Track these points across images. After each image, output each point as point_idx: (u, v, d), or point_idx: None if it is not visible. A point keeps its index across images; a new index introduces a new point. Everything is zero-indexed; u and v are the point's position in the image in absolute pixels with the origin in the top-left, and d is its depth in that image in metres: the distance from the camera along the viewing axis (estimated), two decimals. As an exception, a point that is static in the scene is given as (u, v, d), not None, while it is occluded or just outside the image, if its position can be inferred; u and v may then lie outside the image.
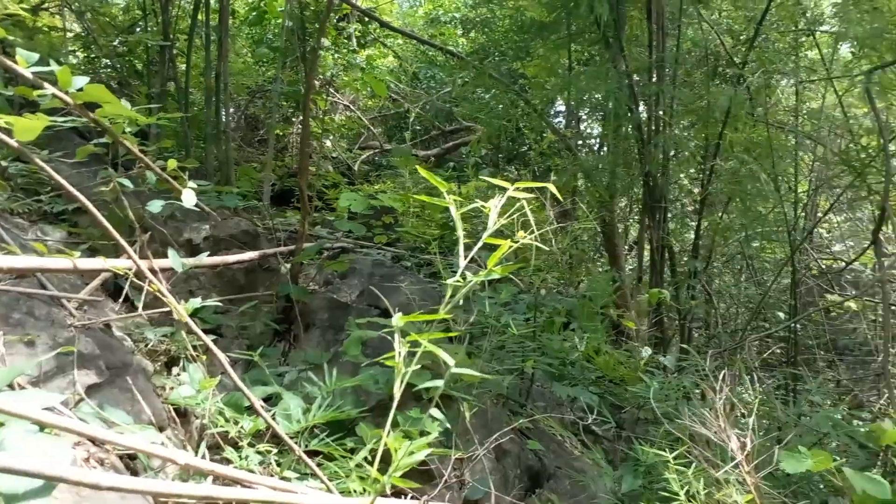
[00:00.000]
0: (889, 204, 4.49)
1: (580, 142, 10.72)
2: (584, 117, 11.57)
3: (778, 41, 8.06)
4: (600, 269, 8.73)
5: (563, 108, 11.45)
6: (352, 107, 10.61)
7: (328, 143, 10.09)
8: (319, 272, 5.16)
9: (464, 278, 1.60)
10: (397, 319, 1.62)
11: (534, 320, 4.52)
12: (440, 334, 1.64)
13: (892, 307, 9.08)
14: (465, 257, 1.66)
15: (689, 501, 2.64)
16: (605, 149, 8.40)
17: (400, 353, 1.56)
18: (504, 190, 1.78)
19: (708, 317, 9.35)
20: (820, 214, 8.61)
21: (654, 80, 6.00)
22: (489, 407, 4.06)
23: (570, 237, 6.31)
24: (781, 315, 9.80)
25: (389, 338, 1.88)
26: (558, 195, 1.88)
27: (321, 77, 9.23)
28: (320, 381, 3.56)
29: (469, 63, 8.19)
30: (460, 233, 1.65)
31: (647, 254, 6.91)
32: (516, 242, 1.62)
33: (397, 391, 1.57)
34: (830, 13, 8.29)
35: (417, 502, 2.83)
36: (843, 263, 10.40)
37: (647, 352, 4.39)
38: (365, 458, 2.98)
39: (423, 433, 3.05)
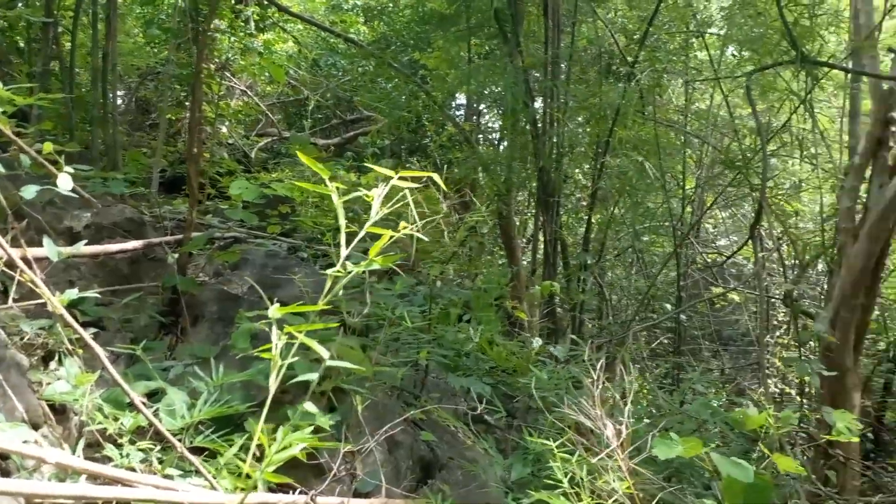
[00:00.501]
0: (766, 200, 4.74)
1: (480, 135, 10.84)
2: (485, 111, 11.71)
3: (669, 42, 8.40)
4: (500, 262, 8.88)
5: (464, 101, 11.56)
6: (249, 92, 10.34)
7: (224, 129, 9.81)
8: (209, 263, 5.01)
9: (345, 269, 1.58)
10: (274, 311, 1.58)
11: (429, 312, 4.53)
12: (320, 325, 1.61)
13: (770, 298, 9.65)
14: (347, 247, 1.63)
15: (573, 488, 2.71)
16: (504, 142, 8.53)
17: (277, 345, 1.52)
18: (389, 179, 1.76)
19: (601, 308, 9.66)
20: (705, 210, 9.02)
21: (549, 75, 6.12)
22: (383, 399, 4.05)
23: (467, 229, 6.40)
24: (669, 307, 10.23)
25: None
26: (443, 186, 1.88)
27: (216, 60, 8.95)
28: (207, 375, 3.45)
29: (370, 52, 8.13)
30: (342, 222, 1.62)
31: (542, 247, 7.08)
32: (398, 233, 1.61)
33: (273, 384, 1.53)
34: (719, 16, 8.70)
35: (304, 497, 2.78)
36: (726, 257, 10.95)
37: (538, 342, 4.49)
38: (254, 456, 2.91)
39: (317, 428, 3.01)
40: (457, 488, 3.99)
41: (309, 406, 2.72)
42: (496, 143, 10.14)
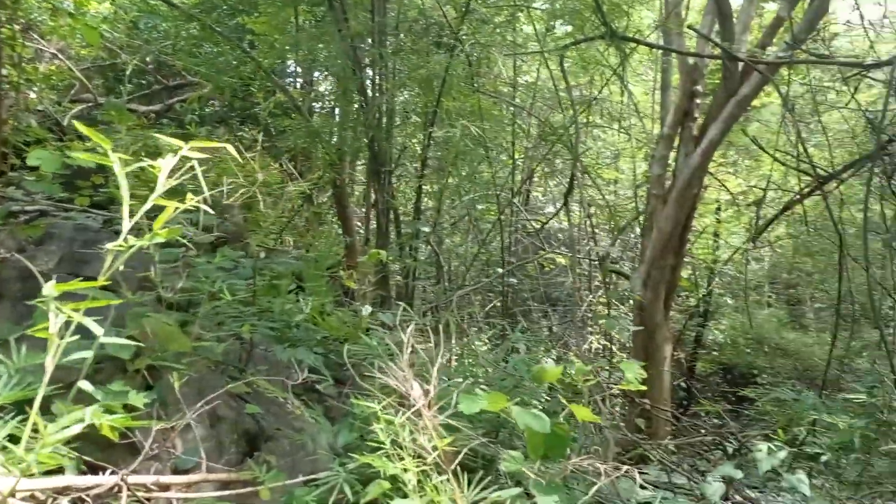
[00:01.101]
0: (578, 170, 5.03)
1: (315, 103, 10.65)
2: (320, 79, 11.50)
3: (497, 15, 8.60)
4: (338, 232, 8.84)
5: (299, 68, 11.29)
6: (60, 55, 9.55)
7: (32, 95, 9.01)
8: (11, 238, 4.63)
9: (127, 242, 1.53)
10: (49, 288, 1.51)
11: (255, 284, 4.45)
12: (102, 302, 1.55)
13: (588, 260, 10.26)
14: (132, 218, 1.58)
15: (395, 449, 2.79)
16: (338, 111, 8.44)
17: (55, 323, 1.46)
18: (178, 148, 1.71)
19: (438, 275, 9.86)
20: (526, 179, 9.38)
21: (377, 45, 6.12)
22: (205, 374, 3.95)
23: (296, 198, 6.31)
24: (501, 271, 10.63)
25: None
26: (236, 155, 1.85)
27: (21, 20, 8.19)
28: (8, 357, 3.22)
29: (192, 15, 7.75)
30: (125, 194, 1.56)
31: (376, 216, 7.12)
32: (184, 204, 1.57)
33: (49, 365, 1.46)
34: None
35: (114, 477, 2.68)
36: (556, 224, 11.51)
37: (367, 310, 4.54)
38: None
39: (133, 408, 2.91)
40: (284, 458, 3.99)
41: (116, 385, 2.62)
42: (331, 111, 10.02)
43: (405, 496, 2.63)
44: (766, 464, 3.57)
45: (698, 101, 7.40)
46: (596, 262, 9.17)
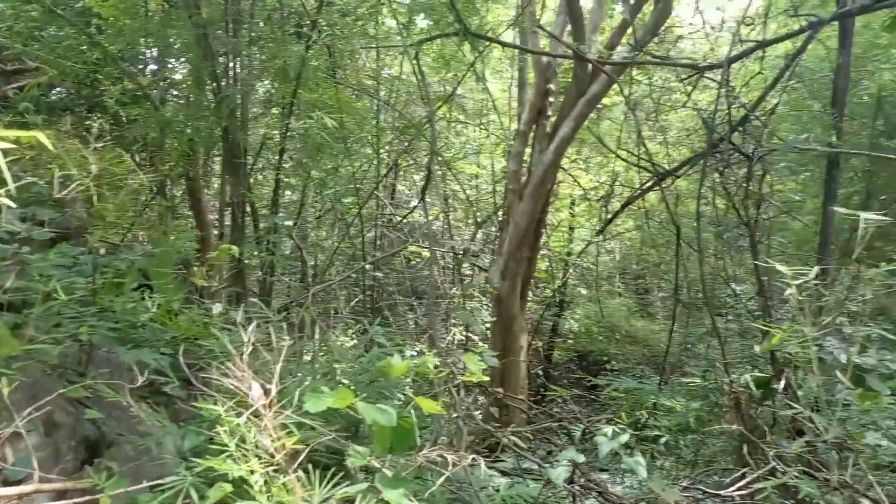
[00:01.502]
0: (435, 165, 5.10)
1: (171, 92, 10.19)
2: (176, 67, 11.01)
3: (359, 6, 8.55)
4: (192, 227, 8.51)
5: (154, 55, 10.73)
6: None
7: None
8: None
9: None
10: None
11: (93, 282, 4.22)
12: None
13: (455, 255, 10.42)
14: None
15: (242, 450, 2.73)
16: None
17: None
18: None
19: (304, 270, 9.72)
20: (387, 173, 9.41)
21: (231, 33, 5.93)
22: (38, 378, 3.72)
23: (147, 192, 6.02)
24: (365, 265, 10.61)
25: None
26: (48, 144, 1.75)
27: None
28: None
29: (33, -1, 7.23)
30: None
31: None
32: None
33: None
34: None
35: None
36: (422, 218, 11.59)
37: (217, 308, 4.41)
38: None
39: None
40: (127, 463, 3.82)
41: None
42: (187, 100, 9.61)
43: (253, 498, 2.59)
44: (607, 447, 3.77)
45: (552, 99, 7.67)
46: (458, 256, 9.34)
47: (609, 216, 7.98)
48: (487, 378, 3.69)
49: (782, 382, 4.64)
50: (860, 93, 9.41)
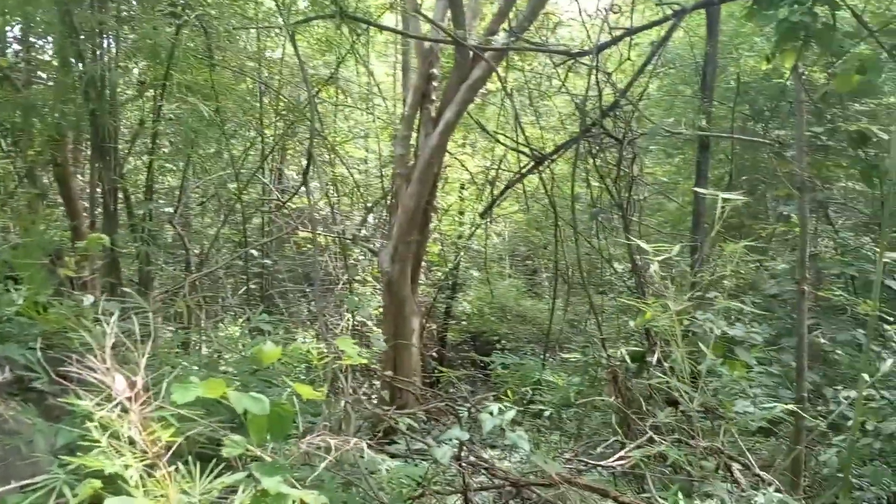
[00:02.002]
0: (314, 150, 5.05)
1: (37, 73, 9.59)
2: (42, 47, 10.37)
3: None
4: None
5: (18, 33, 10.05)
6: None
7: None
8: None
9: None
10: None
11: (-52, 276, 3.96)
12: None
13: (345, 240, 10.35)
14: None
15: (115, 445, 2.64)
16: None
17: None
18: None
19: (187, 258, 9.41)
20: (267, 155, 9.20)
21: (96, 11, 5.64)
22: None
23: (10, 179, 5.66)
24: (255, 253, 10.40)
25: None
26: None
27: None
28: None
29: None
30: None
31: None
32: None
33: None
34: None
35: None
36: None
37: (88, 300, 4.22)
38: None
39: None
40: (-7, 466, 3.63)
41: None
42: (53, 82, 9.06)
43: (129, 494, 2.51)
44: (489, 424, 3.86)
45: (436, 83, 7.72)
46: (348, 241, 9.29)
47: (494, 199, 8.12)
48: (369, 362, 3.70)
49: (655, 356, 4.88)
50: (728, 78, 9.94)
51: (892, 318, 6.30)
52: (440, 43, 7.39)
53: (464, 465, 4.19)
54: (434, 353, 12.04)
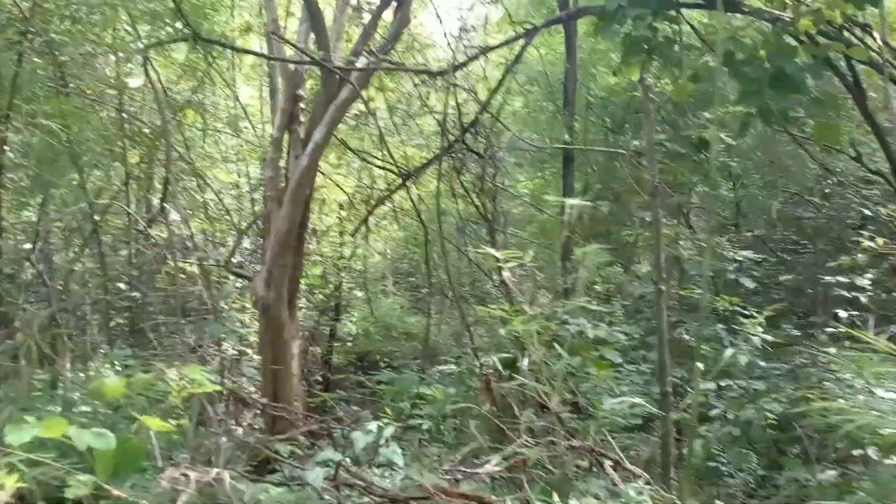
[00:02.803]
0: (180, 176, 4.92)
1: None
2: None
3: (94, 13, 7.98)
4: None
5: None
6: None
7: None
8: None
9: None
10: None
11: None
12: None
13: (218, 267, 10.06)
14: None
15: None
16: None
17: None
18: None
19: (49, 295, 8.90)
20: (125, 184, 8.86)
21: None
22: None
23: None
24: (123, 286, 9.97)
25: None
26: None
27: None
28: None
29: None
30: None
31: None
32: None
33: None
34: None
35: None
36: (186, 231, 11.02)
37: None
38: None
39: None
40: None
41: None
42: None
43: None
44: (361, 442, 3.87)
45: (303, 104, 7.69)
46: (219, 267, 9.05)
47: (364, 218, 8.14)
48: (219, 387, 3.62)
49: (525, 361, 5.02)
50: (590, 94, 10.41)
51: (748, 313, 6.75)
52: (301, 64, 7.35)
53: (339, 486, 4.15)
54: (319, 378, 11.87)
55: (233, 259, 9.17)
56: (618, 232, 10.79)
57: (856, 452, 4.88)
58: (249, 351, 10.33)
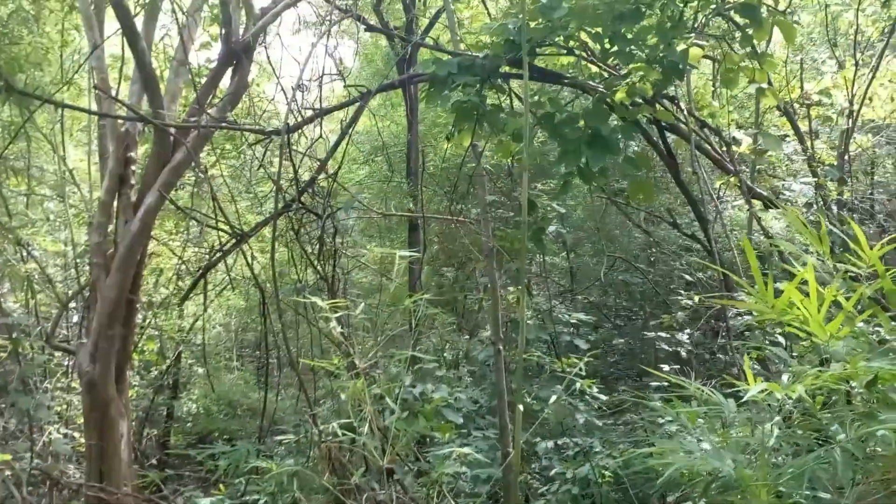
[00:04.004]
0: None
1: None
2: None
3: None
4: None
5: None
6: None
7: None
8: None
9: None
10: None
11: None
12: None
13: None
14: None
15: None
16: None
17: None
18: None
19: None
20: None
21: None
22: None
23: None
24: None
25: None
26: None
27: None
28: None
29: None
30: None
31: None
32: None
33: None
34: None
35: None
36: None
37: None
38: None
39: None
40: None
41: None
42: None
43: None
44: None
45: (134, 167, 7.38)
46: (39, 343, 8.35)
47: (193, 282, 7.81)
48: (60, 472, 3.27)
49: (367, 425, 4.90)
50: (432, 163, 10.71)
51: (584, 374, 6.99)
52: (134, 122, 7.07)
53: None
54: (154, 461, 11.06)
55: (57, 332, 8.49)
56: (464, 299, 11.00)
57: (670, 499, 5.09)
58: (77, 434, 9.50)
